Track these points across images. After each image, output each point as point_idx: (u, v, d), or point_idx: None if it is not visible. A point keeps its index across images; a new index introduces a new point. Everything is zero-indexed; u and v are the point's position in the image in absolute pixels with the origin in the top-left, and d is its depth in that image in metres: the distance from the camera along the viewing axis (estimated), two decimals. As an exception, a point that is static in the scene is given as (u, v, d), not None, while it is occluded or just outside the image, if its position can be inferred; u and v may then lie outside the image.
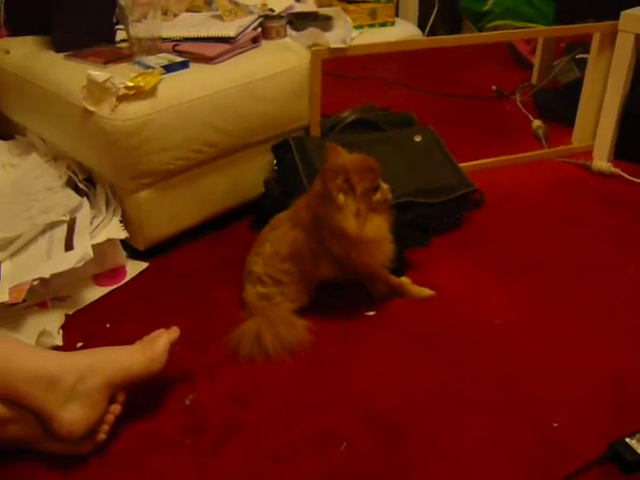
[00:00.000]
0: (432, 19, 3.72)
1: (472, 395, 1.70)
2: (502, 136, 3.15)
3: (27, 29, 2.47)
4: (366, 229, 1.79)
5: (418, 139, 2.45)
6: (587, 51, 3.10)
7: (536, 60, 3.65)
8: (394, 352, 1.84)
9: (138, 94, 1.96)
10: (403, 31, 2.67)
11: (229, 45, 2.24)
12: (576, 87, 3.05)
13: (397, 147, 2.35)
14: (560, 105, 3.27)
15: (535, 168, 2.87)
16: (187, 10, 2.54)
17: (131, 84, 1.95)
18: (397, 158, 2.32)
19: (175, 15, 2.50)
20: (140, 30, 2.25)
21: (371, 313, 1.98)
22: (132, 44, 2.24)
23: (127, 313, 2.00)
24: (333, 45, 2.32)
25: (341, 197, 1.74)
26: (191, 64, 2.17)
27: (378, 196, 1.82)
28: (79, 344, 1.86)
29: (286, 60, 2.31)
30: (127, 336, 1.72)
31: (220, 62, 2.20)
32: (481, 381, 1.74)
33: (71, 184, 2.22)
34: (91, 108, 1.97)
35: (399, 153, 2.33)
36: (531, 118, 3.25)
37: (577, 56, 3.32)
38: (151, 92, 1.98)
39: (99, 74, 1.94)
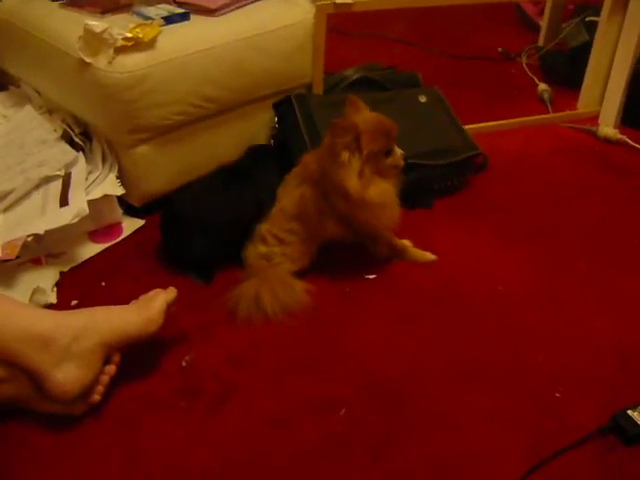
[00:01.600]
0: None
1: (473, 363, 1.67)
2: (507, 99, 3.08)
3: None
4: (369, 191, 1.74)
5: (423, 100, 2.39)
6: (597, 14, 3.03)
7: (544, 22, 3.56)
8: (395, 317, 1.81)
9: (136, 46, 1.90)
10: (411, -13, 2.58)
11: (232, -3, 2.16)
12: (584, 51, 2.98)
13: (401, 107, 2.29)
14: (567, 69, 3.19)
15: (540, 133, 2.81)
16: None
17: (129, 35, 1.88)
18: (401, 119, 2.22)
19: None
20: (139, -21, 2.17)
21: (372, 276, 1.94)
22: (130, -6, 2.16)
23: (123, 271, 1.96)
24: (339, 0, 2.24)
25: (345, 154, 1.69)
26: (192, 16, 2.10)
27: (389, 161, 1.77)
28: (74, 302, 1.82)
29: (290, 14, 2.24)
30: (123, 295, 1.69)
31: (222, 14, 2.14)
32: (483, 349, 1.71)
33: (66, 138, 2.16)
34: (88, 59, 1.90)
35: (403, 114, 2.26)
36: (537, 81, 3.17)
37: (587, 19, 3.23)
38: (150, 44, 1.92)
39: (96, 24, 1.87)
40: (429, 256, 2.00)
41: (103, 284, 1.91)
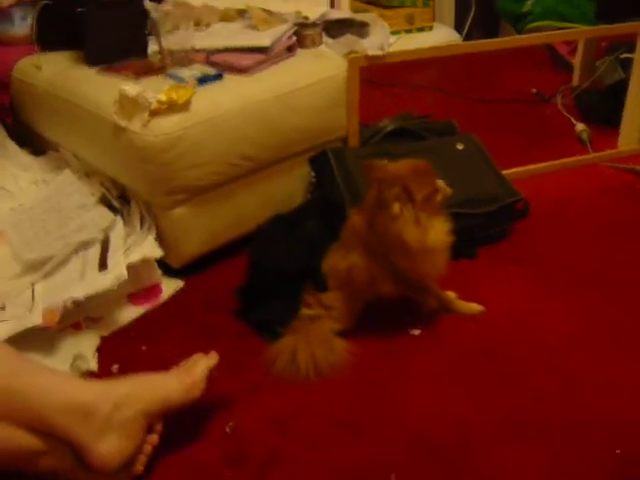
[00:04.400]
0: (469, 22, 3.62)
1: (525, 419, 1.60)
2: (545, 141, 3.03)
3: (59, 44, 2.42)
4: (429, 237, 1.70)
5: (460, 147, 2.36)
6: (631, 50, 2.98)
7: (577, 61, 3.52)
8: (442, 374, 1.75)
9: (171, 108, 1.90)
10: (441, 36, 2.60)
11: (264, 55, 2.17)
12: (621, 88, 2.93)
13: (439, 156, 2.25)
14: (604, 107, 3.14)
15: (581, 174, 2.75)
16: (220, 20, 2.48)
17: (164, 98, 1.89)
18: (439, 167, 2.19)
19: (208, 26, 2.44)
20: (172, 42, 2.20)
21: (417, 332, 1.89)
22: (164, 56, 2.19)
23: (164, 334, 1.93)
24: (370, 52, 2.24)
25: (396, 206, 1.65)
26: (225, 75, 2.11)
27: (439, 197, 1.73)
28: (114, 367, 1.80)
29: (322, 69, 2.23)
30: (164, 359, 1.66)
31: (255, 72, 2.13)
32: (535, 404, 1.64)
33: (104, 201, 2.16)
34: (123, 123, 1.91)
35: (441, 162, 2.19)
36: (574, 121, 3.13)
37: (621, 56, 3.19)
38: (184, 106, 1.92)
39: (131, 88, 1.88)
40: (475, 307, 1.94)
41: (144, 348, 1.88)
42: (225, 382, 1.71)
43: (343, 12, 2.57)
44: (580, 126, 3.04)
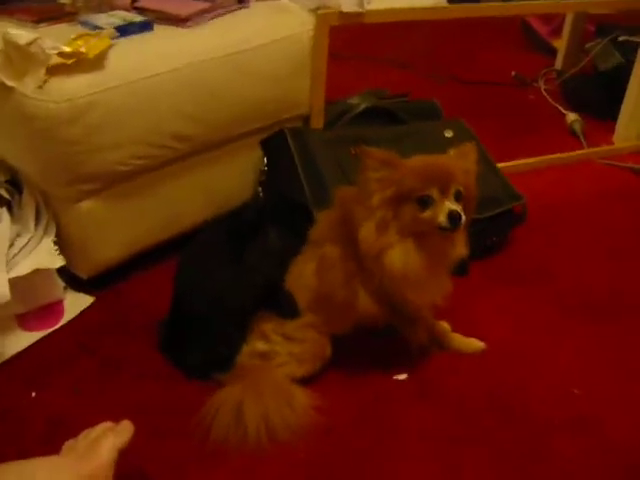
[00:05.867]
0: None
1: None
2: (532, 130, 2.68)
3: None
4: (390, 254, 1.29)
5: (449, 135, 1.93)
6: (629, 33, 2.61)
7: (562, 43, 3.18)
8: (435, 439, 1.33)
9: (79, 64, 1.41)
10: (426, -2, 2.12)
11: (208, 3, 1.67)
12: (618, 74, 2.61)
13: (426, 144, 1.81)
14: (597, 95, 2.81)
15: (577, 171, 2.42)
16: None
17: (68, 49, 1.39)
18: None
19: (136, -35, 1.91)
20: (88, -19, 1.67)
21: (402, 377, 1.47)
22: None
23: (62, 372, 1.46)
24: (346, 8, 1.76)
25: (377, 195, 1.26)
26: (155, 26, 1.61)
27: (426, 215, 1.26)
28: None
29: (283, 25, 1.77)
30: (60, 411, 1.19)
31: (195, 24, 1.64)
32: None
33: (-11, 189, 1.63)
34: (9, 83, 1.41)
35: (429, 152, 1.77)
36: (562, 110, 2.76)
37: (619, 38, 2.80)
38: (97, 62, 1.43)
39: (21, 34, 1.37)
40: (475, 344, 1.54)
41: (33, 394, 1.40)
42: (143, 454, 1.23)
43: (307, -39, 2.07)
44: (572, 116, 2.67)
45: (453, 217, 1.25)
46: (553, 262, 1.88)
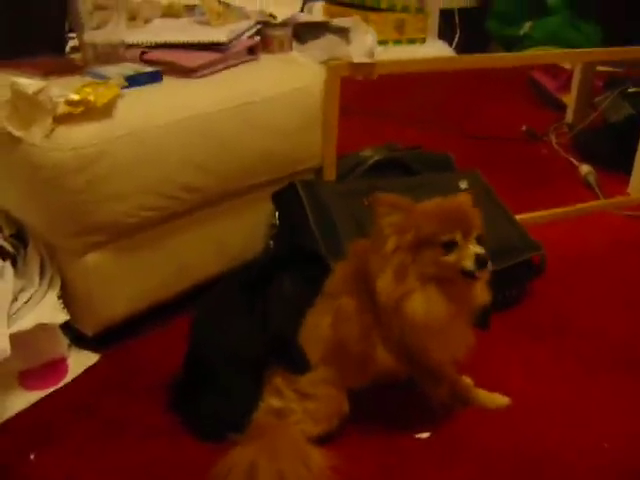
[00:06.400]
0: (454, 45, 3.20)
1: None
2: (546, 184, 2.64)
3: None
4: (411, 302, 1.22)
5: (464, 186, 1.88)
6: (638, 84, 2.59)
7: (571, 97, 3.17)
8: None
9: (86, 112, 1.36)
10: (435, 50, 2.11)
11: (217, 54, 1.65)
12: (628, 126, 2.60)
13: (440, 195, 1.76)
14: (607, 147, 2.79)
15: (592, 223, 2.36)
16: (162, 16, 1.95)
17: (76, 97, 1.35)
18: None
19: (147, 22, 1.91)
20: (97, 35, 1.66)
21: (424, 435, 1.37)
22: (86, 52, 1.66)
23: (64, 436, 1.38)
24: (357, 59, 1.74)
25: (392, 241, 1.21)
26: (165, 77, 1.58)
27: (450, 259, 1.21)
28: None
29: (293, 77, 1.74)
30: (60, 475, 1.09)
31: (205, 75, 1.61)
32: None
33: (-6, 243, 1.58)
34: (16, 133, 1.37)
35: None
36: (575, 163, 2.73)
37: (628, 90, 2.79)
38: (106, 111, 1.40)
39: (29, 83, 1.34)
40: (500, 400, 1.46)
41: (32, 457, 1.32)
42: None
43: (315, 16, 2.07)
44: (585, 168, 2.64)
45: (480, 261, 1.20)
46: (571, 313, 1.81)
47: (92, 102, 1.36)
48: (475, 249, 1.21)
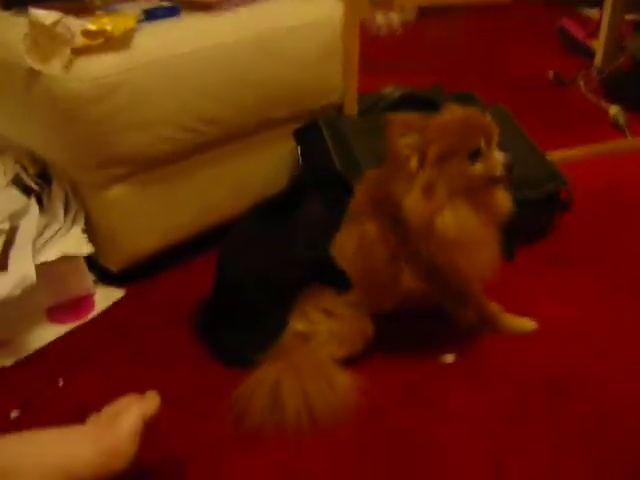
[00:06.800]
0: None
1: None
2: (574, 125, 2.58)
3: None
4: (443, 218, 1.20)
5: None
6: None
7: (600, 41, 3.08)
8: (487, 420, 1.22)
9: (104, 44, 1.35)
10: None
11: (236, -13, 1.62)
12: None
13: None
14: (637, 88, 2.69)
15: (621, 161, 2.29)
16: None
17: (93, 28, 1.34)
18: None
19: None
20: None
21: (450, 358, 1.36)
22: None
23: (91, 363, 1.39)
24: (375, -8, 1.71)
25: (414, 160, 1.18)
26: (183, 13, 1.56)
27: (478, 168, 1.19)
28: (13, 413, 1.25)
29: (312, 10, 1.71)
30: (87, 400, 1.12)
31: (223, 9, 1.59)
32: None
33: (18, 183, 1.60)
34: (36, 66, 1.37)
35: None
36: (604, 105, 2.65)
37: (659, 30, 2.72)
38: (123, 41, 1.39)
39: (47, 13, 1.34)
40: (528, 324, 1.43)
41: (60, 383, 1.34)
42: (174, 436, 1.16)
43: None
44: (614, 108, 2.58)
45: (508, 166, 1.19)
46: (602, 245, 1.78)
47: (109, 32, 1.35)
48: (500, 155, 1.20)
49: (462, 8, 3.82)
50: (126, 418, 0.96)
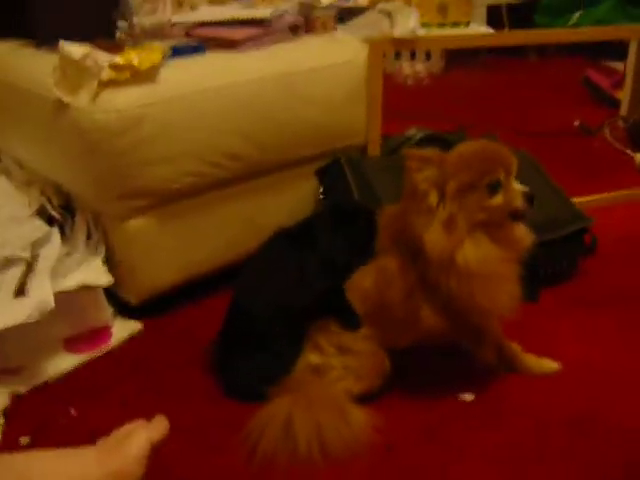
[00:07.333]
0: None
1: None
2: (602, 174, 2.56)
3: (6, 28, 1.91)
4: (464, 252, 1.18)
5: (510, 159, 1.82)
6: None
7: (625, 90, 3.07)
8: (505, 461, 1.19)
9: (131, 77, 1.38)
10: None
11: (261, 29, 1.66)
12: None
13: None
14: None
15: None
16: (209, 3, 1.98)
17: (120, 61, 1.37)
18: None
19: (193, 8, 1.94)
20: (146, 18, 1.71)
21: (469, 397, 1.32)
22: (133, 30, 1.69)
23: (106, 394, 1.39)
24: (398, 35, 1.74)
25: (433, 195, 1.16)
26: (209, 52, 1.60)
27: (498, 200, 1.18)
28: (24, 440, 1.23)
29: (336, 52, 1.74)
30: (100, 429, 1.09)
31: (248, 49, 1.63)
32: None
33: (43, 214, 1.62)
34: (65, 98, 1.40)
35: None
36: (631, 153, 2.63)
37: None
38: (149, 75, 1.42)
39: (76, 48, 1.37)
40: (549, 365, 1.40)
41: (73, 412, 1.33)
42: (186, 468, 1.15)
43: (359, 1, 2.07)
44: (640, 156, 2.53)
45: (529, 198, 1.18)
46: (626, 288, 1.74)
47: (136, 66, 1.38)
48: (520, 187, 1.19)
49: (488, 60, 3.87)
50: (134, 442, 0.94)
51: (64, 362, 1.45)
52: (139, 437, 0.95)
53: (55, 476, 0.88)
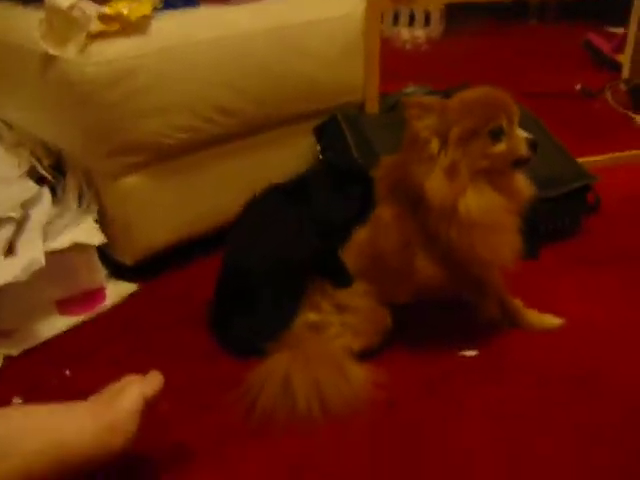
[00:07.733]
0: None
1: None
2: (602, 135, 2.53)
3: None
4: (466, 200, 1.15)
5: (513, 118, 1.78)
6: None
7: (626, 55, 3.02)
8: (507, 420, 1.16)
9: (120, 28, 1.33)
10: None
11: (255, -19, 1.61)
12: None
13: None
14: None
15: None
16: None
17: (110, 12, 1.32)
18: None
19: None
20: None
21: (471, 353, 1.31)
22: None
23: (99, 354, 1.35)
24: (397, -12, 1.69)
25: (435, 143, 1.13)
26: (202, 4, 1.54)
27: (500, 148, 1.15)
28: (16, 400, 1.21)
29: (333, 6, 1.69)
30: (94, 389, 1.06)
31: (242, 1, 1.57)
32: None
33: (33, 175, 1.58)
34: (52, 50, 1.35)
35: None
36: (631, 114, 2.60)
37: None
38: (140, 26, 1.37)
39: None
40: (552, 320, 1.37)
41: (67, 372, 1.30)
42: (181, 426, 1.13)
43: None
44: (641, 117, 2.50)
45: (532, 144, 1.14)
46: (629, 247, 1.71)
47: (125, 16, 1.34)
48: (523, 133, 1.15)
49: (488, 25, 3.82)
50: (127, 396, 0.92)
51: (57, 324, 1.42)
52: (132, 392, 0.92)
53: (49, 431, 0.86)
